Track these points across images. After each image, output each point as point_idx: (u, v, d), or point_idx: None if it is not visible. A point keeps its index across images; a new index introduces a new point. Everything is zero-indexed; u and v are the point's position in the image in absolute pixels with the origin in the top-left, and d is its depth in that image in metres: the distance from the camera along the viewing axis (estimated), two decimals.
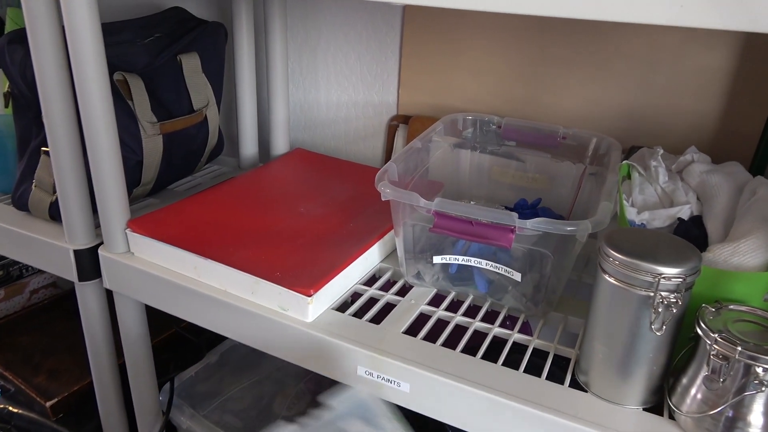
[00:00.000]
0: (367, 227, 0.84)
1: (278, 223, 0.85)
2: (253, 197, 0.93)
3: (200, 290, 0.76)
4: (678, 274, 0.53)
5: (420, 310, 0.74)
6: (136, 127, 0.86)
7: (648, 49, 0.88)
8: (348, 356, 0.67)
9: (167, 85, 0.92)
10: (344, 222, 0.86)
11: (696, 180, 0.72)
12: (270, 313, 0.71)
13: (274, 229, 0.83)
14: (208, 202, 0.90)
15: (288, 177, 1.02)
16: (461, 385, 0.61)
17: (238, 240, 0.80)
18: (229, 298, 0.74)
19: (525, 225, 0.63)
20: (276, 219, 0.86)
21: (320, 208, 0.90)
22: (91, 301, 0.88)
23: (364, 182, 0.99)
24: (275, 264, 0.74)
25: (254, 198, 0.93)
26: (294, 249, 0.78)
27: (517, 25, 0.96)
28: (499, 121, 0.93)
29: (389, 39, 1.08)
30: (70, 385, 1.06)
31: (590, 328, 0.60)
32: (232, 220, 0.85)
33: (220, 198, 0.92)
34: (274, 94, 1.10)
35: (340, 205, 0.91)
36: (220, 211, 0.88)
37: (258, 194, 0.94)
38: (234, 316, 0.74)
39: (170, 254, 0.78)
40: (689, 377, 0.56)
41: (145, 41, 0.92)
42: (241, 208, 0.89)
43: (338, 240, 0.80)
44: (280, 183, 1.00)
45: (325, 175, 1.03)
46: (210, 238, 0.80)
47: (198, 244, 0.78)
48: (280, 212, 0.88)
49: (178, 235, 0.80)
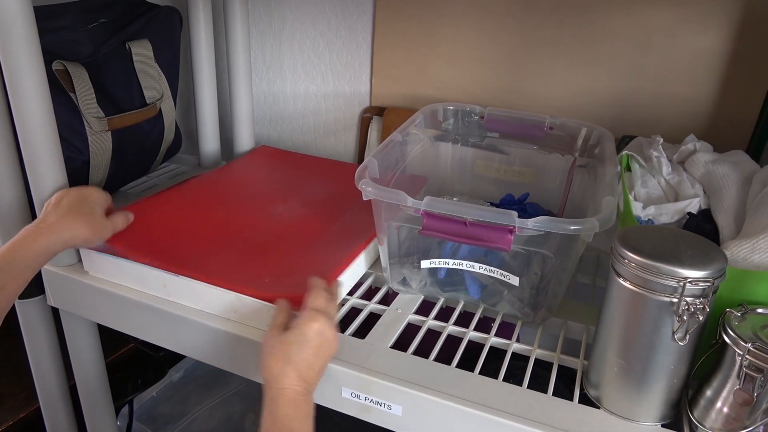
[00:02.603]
0: (352, 230, 0.76)
1: (252, 228, 0.76)
2: (218, 200, 0.84)
3: (171, 310, 0.67)
4: (705, 278, 0.47)
5: (408, 321, 0.67)
6: (80, 123, 0.78)
7: (638, 31, 0.83)
8: (331, 377, 0.59)
9: (115, 75, 0.84)
10: (326, 225, 0.78)
11: (701, 171, 0.67)
12: (252, 334, 0.63)
13: (248, 235, 0.75)
14: (168, 205, 0.81)
15: (256, 176, 0.94)
16: (460, 406, 0.55)
17: (211, 251, 0.71)
18: (205, 319, 0.65)
19: (526, 225, 0.56)
20: (248, 224, 0.77)
21: (295, 211, 0.82)
22: (33, 320, 0.79)
23: (338, 180, 0.91)
24: (258, 276, 0.65)
25: (220, 201, 0.84)
26: (275, 258, 0.70)
27: (497, 6, 0.90)
28: (481, 111, 0.87)
29: (360, 24, 1.01)
30: (15, 411, 0.97)
31: (602, 338, 0.54)
32: (199, 228, 0.76)
33: (180, 201, 0.82)
34: (236, 86, 1.02)
35: (317, 206, 0.83)
36: (184, 216, 0.78)
37: (224, 196, 0.85)
38: (210, 338, 0.65)
39: (133, 271, 0.69)
40: (714, 389, 0.51)
41: (89, 27, 0.83)
42: (207, 213, 0.80)
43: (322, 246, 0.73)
44: (248, 183, 0.91)
45: (295, 174, 0.94)
46: (179, 250, 0.70)
47: (166, 258, 0.68)
48: (252, 216, 0.80)
49: (139, 247, 0.70)
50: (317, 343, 0.54)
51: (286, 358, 0.53)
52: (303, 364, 0.53)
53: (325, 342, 0.55)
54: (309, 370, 0.54)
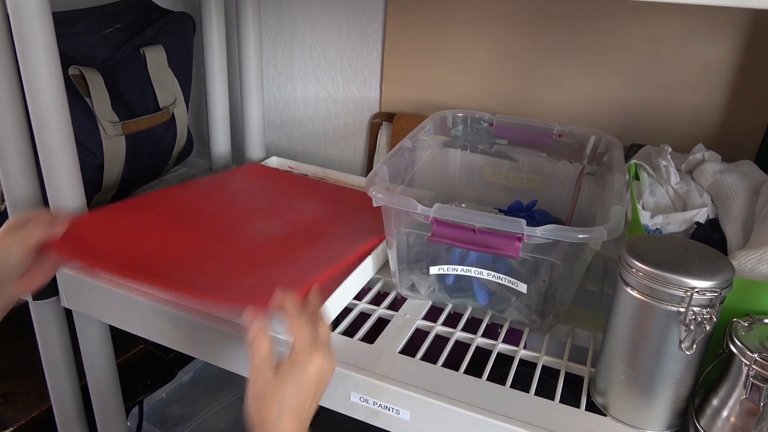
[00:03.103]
0: (354, 238, 0.75)
1: (224, 241, 0.73)
2: (196, 212, 0.80)
3: (180, 313, 0.67)
4: (712, 288, 0.47)
5: (416, 326, 0.68)
6: (95, 128, 0.79)
7: (648, 40, 0.83)
8: (340, 381, 0.60)
9: (129, 80, 0.85)
10: (322, 235, 0.75)
11: (709, 180, 0.67)
12: None
13: (243, 247, 0.72)
14: (137, 213, 0.76)
15: (243, 191, 0.89)
16: (468, 411, 0.55)
17: (207, 262, 0.68)
18: (212, 321, 0.66)
19: (534, 233, 0.57)
20: (222, 237, 0.74)
21: (272, 227, 0.77)
22: (47, 321, 0.80)
23: (322, 199, 0.88)
24: (263, 282, 0.64)
25: (210, 213, 0.80)
26: (277, 267, 0.69)
27: (508, 14, 0.90)
28: (490, 119, 0.87)
29: (371, 31, 1.01)
30: (28, 410, 0.97)
31: (609, 346, 0.55)
32: (189, 238, 0.72)
33: (151, 210, 0.78)
34: (248, 91, 1.03)
35: (298, 224, 0.79)
36: (169, 226, 0.74)
37: (207, 208, 0.81)
38: (217, 339, 0.66)
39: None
40: (720, 399, 0.51)
41: (105, 32, 0.84)
42: (197, 224, 0.76)
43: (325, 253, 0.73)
44: (237, 197, 0.87)
45: (278, 191, 0.90)
46: (172, 266, 0.66)
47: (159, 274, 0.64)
48: (229, 230, 0.76)
49: (125, 263, 0.65)
50: (316, 379, 0.50)
51: (283, 403, 0.48)
52: (301, 407, 0.49)
53: (325, 375, 0.51)
54: (307, 410, 0.50)
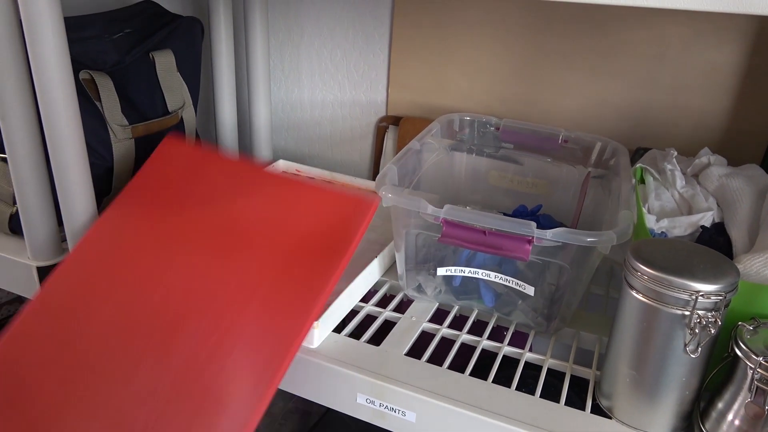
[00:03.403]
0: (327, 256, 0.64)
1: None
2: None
3: None
4: (717, 291, 0.48)
5: (422, 328, 0.68)
6: (105, 131, 0.79)
7: (654, 44, 0.84)
8: (346, 383, 0.60)
9: (139, 84, 0.85)
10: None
11: (715, 184, 0.68)
12: None
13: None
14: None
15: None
16: (473, 413, 0.56)
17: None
18: None
19: (544, 235, 0.57)
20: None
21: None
22: None
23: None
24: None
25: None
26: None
27: (514, 18, 0.91)
28: (497, 123, 0.88)
29: (377, 34, 1.02)
30: None
31: (614, 349, 0.55)
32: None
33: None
34: (255, 94, 1.04)
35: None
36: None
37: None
38: None
39: None
40: (725, 402, 0.51)
41: (114, 37, 0.85)
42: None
43: None
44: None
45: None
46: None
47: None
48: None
49: None
50: None
51: None
52: None
53: None
54: None
